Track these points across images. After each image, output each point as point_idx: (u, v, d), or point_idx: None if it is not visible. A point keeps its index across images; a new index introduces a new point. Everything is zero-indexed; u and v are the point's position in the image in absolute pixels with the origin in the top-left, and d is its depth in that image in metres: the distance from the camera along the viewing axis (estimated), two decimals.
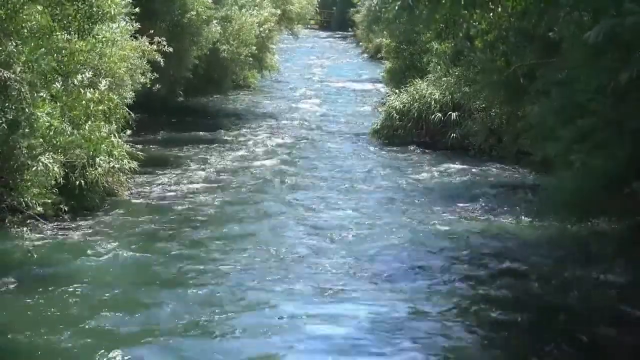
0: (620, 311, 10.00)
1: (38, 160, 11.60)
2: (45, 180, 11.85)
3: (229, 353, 8.81)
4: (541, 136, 9.98)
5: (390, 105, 21.52)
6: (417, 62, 24.44)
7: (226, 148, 20.66)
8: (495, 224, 13.95)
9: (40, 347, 8.70)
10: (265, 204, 15.36)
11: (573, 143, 8.64)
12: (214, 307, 9.93)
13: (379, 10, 28.23)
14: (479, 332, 9.58)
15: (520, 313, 9.95)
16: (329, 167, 18.99)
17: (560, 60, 9.44)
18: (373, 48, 43.61)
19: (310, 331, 9.44)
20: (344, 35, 58.94)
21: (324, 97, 30.99)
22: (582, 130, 8.46)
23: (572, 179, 9.12)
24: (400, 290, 10.78)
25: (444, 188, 16.70)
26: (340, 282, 11.03)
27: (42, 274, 10.86)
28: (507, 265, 11.80)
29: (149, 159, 16.99)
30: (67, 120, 12.77)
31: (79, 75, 12.66)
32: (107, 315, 9.59)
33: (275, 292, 10.57)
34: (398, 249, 12.58)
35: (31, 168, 11.60)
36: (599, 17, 7.32)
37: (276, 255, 12.15)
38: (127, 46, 15.13)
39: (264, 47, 27.60)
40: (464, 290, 10.86)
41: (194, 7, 20.73)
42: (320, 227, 13.75)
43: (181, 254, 11.95)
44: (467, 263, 11.96)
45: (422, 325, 9.68)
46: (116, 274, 11.08)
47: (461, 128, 20.04)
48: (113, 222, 13.47)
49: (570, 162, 8.80)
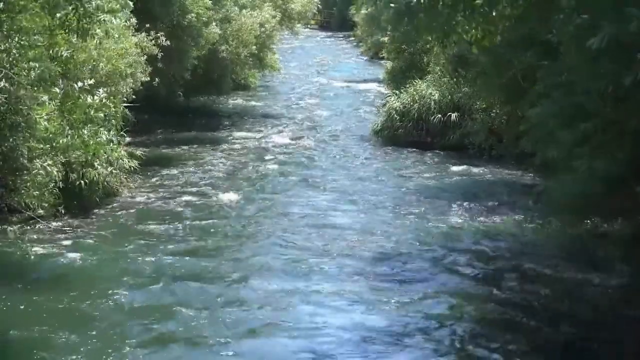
0: (621, 312, 10.01)
1: (37, 161, 11.59)
2: (44, 181, 11.84)
3: (231, 351, 8.82)
4: (542, 138, 9.96)
5: (391, 105, 21.52)
6: (417, 62, 24.42)
7: (226, 148, 20.65)
8: (495, 224, 13.94)
9: (41, 347, 8.72)
10: (265, 203, 15.36)
11: (574, 146, 8.63)
12: (214, 308, 9.93)
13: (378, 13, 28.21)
14: (479, 332, 9.60)
15: (520, 313, 9.96)
16: (330, 167, 18.97)
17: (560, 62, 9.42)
18: (373, 48, 43.57)
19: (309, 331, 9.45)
20: (344, 35, 58.89)
21: (325, 97, 30.96)
22: (583, 133, 8.44)
23: (574, 181, 9.11)
24: (400, 290, 10.79)
25: (444, 188, 16.69)
26: (341, 282, 11.05)
27: (41, 274, 10.88)
28: (507, 266, 11.81)
29: (149, 159, 17.00)
30: (67, 122, 12.77)
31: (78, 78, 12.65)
32: (107, 315, 9.61)
33: (275, 292, 10.57)
34: (398, 249, 12.57)
35: (31, 169, 11.59)
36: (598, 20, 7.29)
37: (277, 255, 12.16)
38: (126, 42, 15.11)
39: (264, 47, 27.55)
40: (464, 291, 10.87)
41: (193, 8, 20.71)
42: (320, 227, 13.74)
43: (181, 254, 11.95)
44: (467, 263, 11.96)
45: (422, 325, 9.68)
46: (116, 273, 11.08)
47: (461, 129, 20.04)
48: (113, 222, 13.47)
49: (571, 164, 8.78)
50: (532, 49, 10.68)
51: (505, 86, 11.76)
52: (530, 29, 10.71)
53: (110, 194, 14.60)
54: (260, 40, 26.19)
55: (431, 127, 20.58)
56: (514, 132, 14.18)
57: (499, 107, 17.64)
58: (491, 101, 17.30)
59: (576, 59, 8.10)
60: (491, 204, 15.16)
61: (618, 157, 8.43)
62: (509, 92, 12.03)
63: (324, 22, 65.75)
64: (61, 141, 12.19)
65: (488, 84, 12.17)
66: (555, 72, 9.28)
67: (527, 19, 10.85)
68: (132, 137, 16.07)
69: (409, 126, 20.93)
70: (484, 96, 17.21)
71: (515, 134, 14.02)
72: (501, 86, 11.84)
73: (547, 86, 9.56)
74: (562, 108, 8.73)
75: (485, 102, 18.17)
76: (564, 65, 8.97)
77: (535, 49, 10.61)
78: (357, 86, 34.03)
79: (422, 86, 21.21)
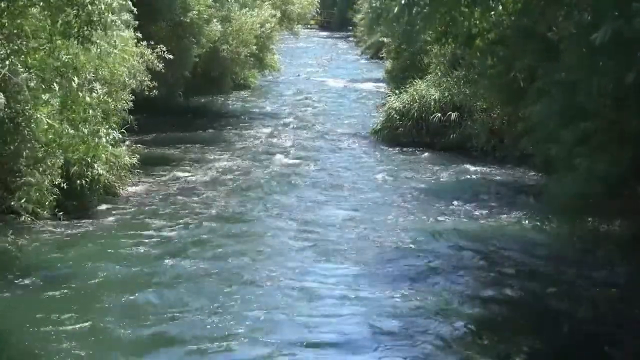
0: (621, 313, 9.99)
1: (37, 161, 11.59)
2: (44, 181, 11.83)
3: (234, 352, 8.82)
4: (542, 138, 9.95)
5: (391, 105, 21.51)
6: (417, 62, 24.41)
7: (226, 148, 20.64)
8: (495, 224, 13.94)
9: (41, 347, 8.70)
10: (265, 203, 15.35)
11: (575, 145, 8.63)
12: (214, 308, 9.91)
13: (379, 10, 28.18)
14: (479, 332, 9.57)
15: (520, 313, 9.97)
16: (330, 167, 18.97)
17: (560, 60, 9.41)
18: (373, 48, 43.59)
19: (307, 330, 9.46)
20: (344, 35, 58.93)
21: (324, 97, 30.96)
22: (583, 132, 8.43)
23: (574, 180, 9.10)
24: (400, 290, 10.77)
25: (443, 188, 16.68)
26: (341, 283, 11.04)
27: (41, 274, 10.84)
28: (507, 266, 11.79)
29: (149, 158, 17.01)
30: (66, 122, 12.76)
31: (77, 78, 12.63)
32: (107, 315, 9.60)
33: (275, 292, 10.55)
34: (398, 249, 12.57)
35: (31, 169, 11.58)
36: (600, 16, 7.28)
37: (276, 254, 12.15)
38: (127, 50, 15.13)
39: (264, 47, 27.56)
40: (463, 290, 10.86)
41: (195, 6, 20.71)
42: (321, 227, 13.73)
43: (181, 254, 11.94)
44: (467, 263, 11.95)
45: (421, 324, 9.66)
46: (116, 273, 11.06)
47: (461, 129, 20.04)
48: (112, 222, 13.47)
49: (572, 164, 8.78)
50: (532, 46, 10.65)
51: (505, 86, 11.74)
52: (531, 24, 10.69)
53: (110, 194, 14.60)
54: (260, 40, 26.20)
55: (431, 127, 20.58)
56: (515, 132, 14.19)
57: (499, 107, 17.63)
58: (492, 102, 17.28)
59: (577, 56, 8.09)
60: (491, 203, 15.16)
61: (618, 156, 8.42)
62: (509, 92, 12.01)
63: (323, 22, 65.80)
64: (61, 140, 12.17)
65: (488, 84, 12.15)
66: (556, 70, 9.27)
67: (529, 13, 10.84)
68: (132, 136, 16.06)
69: (408, 126, 20.91)
70: (484, 97, 17.20)
71: (516, 134, 14.04)
72: (501, 86, 11.82)
73: (546, 84, 9.55)
74: (562, 107, 8.72)
75: (486, 102, 18.16)
76: (564, 63, 8.96)
77: (536, 46, 10.59)
78: (356, 86, 34.04)
79: (422, 86, 21.20)
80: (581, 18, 8.68)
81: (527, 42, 10.88)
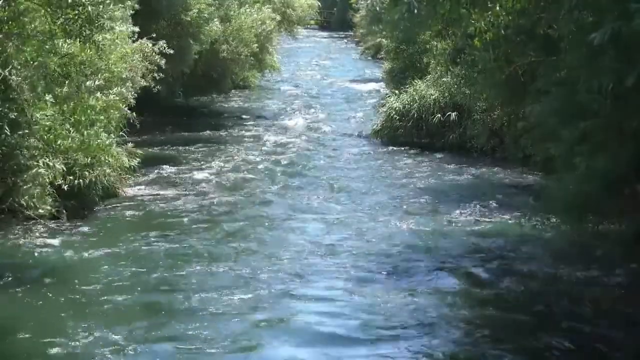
0: (621, 312, 9.99)
1: (38, 161, 11.58)
2: (44, 182, 11.83)
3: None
4: (542, 137, 9.95)
5: (390, 106, 21.51)
6: (417, 62, 24.41)
7: (226, 148, 20.66)
8: (495, 224, 13.93)
9: (41, 347, 8.70)
10: (265, 203, 15.37)
11: (574, 144, 8.62)
12: (214, 308, 9.91)
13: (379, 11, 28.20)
14: (479, 332, 9.56)
15: (521, 314, 9.94)
16: (330, 167, 18.98)
17: (561, 59, 9.41)
18: (373, 48, 43.60)
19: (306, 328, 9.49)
20: (344, 36, 58.94)
21: (324, 97, 30.98)
22: (583, 131, 8.43)
23: (574, 179, 9.10)
24: (400, 289, 10.78)
25: (443, 189, 16.68)
26: (340, 281, 11.05)
27: (41, 274, 10.86)
28: (507, 266, 11.80)
29: (149, 158, 17.00)
30: (69, 123, 12.77)
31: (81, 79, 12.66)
32: (107, 315, 9.60)
33: (274, 291, 10.56)
34: (397, 248, 12.57)
35: (31, 169, 11.58)
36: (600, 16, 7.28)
37: (276, 254, 12.14)
38: (127, 48, 15.13)
39: (264, 47, 27.57)
40: (463, 290, 10.86)
41: (195, 5, 20.71)
42: (319, 227, 13.74)
43: (181, 254, 11.94)
44: (467, 263, 11.94)
45: (421, 324, 9.67)
46: (116, 273, 11.05)
47: (461, 129, 20.05)
48: (113, 222, 13.48)
49: (572, 163, 8.78)
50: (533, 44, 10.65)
51: (505, 84, 11.73)
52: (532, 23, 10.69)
53: (110, 194, 14.60)
54: (259, 40, 26.21)
55: (431, 127, 20.58)
56: (515, 133, 14.18)
57: (499, 107, 17.61)
58: (492, 101, 17.25)
59: (577, 55, 8.09)
60: (491, 203, 15.13)
61: (618, 155, 8.41)
62: (510, 90, 12.00)
63: (323, 22, 65.80)
64: (62, 143, 12.18)
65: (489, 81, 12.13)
66: (556, 69, 9.27)
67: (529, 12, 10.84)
68: (132, 136, 16.06)
69: (408, 126, 20.92)
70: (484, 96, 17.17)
71: (516, 135, 14.02)
72: (502, 84, 11.81)
73: (547, 82, 9.55)
74: (562, 106, 8.72)
75: (486, 102, 18.13)
76: (564, 62, 8.96)
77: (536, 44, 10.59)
78: (356, 86, 34.06)
79: (422, 86, 21.21)
80: (581, 18, 8.67)
81: (527, 40, 10.88)
